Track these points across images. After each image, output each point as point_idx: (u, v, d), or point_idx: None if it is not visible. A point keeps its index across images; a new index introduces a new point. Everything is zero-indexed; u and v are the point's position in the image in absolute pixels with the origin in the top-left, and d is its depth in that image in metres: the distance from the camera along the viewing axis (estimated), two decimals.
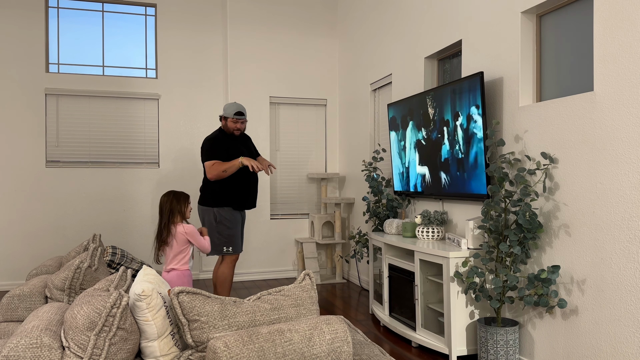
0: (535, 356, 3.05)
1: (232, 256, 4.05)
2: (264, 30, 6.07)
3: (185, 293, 1.71)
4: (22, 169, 5.50)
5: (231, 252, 4.02)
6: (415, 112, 4.16)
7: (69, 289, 2.58)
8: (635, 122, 2.42)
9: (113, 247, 5.18)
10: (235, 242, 4.05)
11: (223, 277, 4.03)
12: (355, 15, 5.77)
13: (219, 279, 4.04)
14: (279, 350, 1.57)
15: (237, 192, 4.05)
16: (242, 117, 4.08)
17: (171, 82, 5.98)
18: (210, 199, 4.03)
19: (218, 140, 4.04)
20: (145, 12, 5.98)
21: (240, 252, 4.10)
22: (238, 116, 4.06)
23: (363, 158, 5.58)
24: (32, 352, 1.54)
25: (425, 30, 4.27)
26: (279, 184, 6.21)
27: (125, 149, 5.85)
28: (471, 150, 3.46)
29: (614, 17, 2.53)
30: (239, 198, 4.07)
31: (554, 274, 2.79)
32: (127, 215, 5.84)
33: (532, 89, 3.18)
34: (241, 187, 4.06)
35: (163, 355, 1.76)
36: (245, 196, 4.10)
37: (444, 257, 3.29)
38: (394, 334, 3.93)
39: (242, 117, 4.08)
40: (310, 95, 6.27)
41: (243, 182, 4.07)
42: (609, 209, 2.56)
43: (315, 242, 5.91)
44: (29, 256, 5.53)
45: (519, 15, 3.15)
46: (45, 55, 5.60)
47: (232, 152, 4.03)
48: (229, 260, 4.05)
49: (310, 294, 1.89)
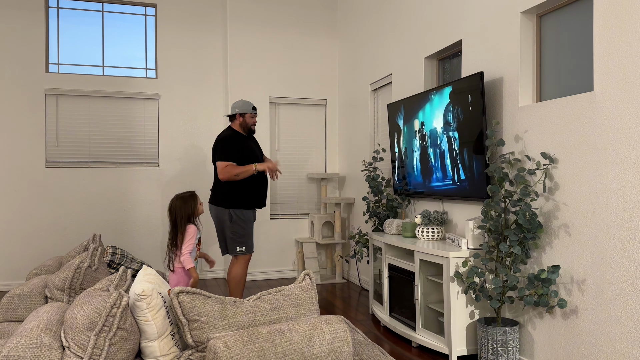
0: (535, 356, 3.05)
1: (245, 256, 4.08)
2: (264, 30, 6.07)
3: (185, 293, 1.71)
4: (22, 169, 5.50)
5: (244, 252, 4.05)
6: (415, 112, 4.16)
7: (69, 289, 2.58)
8: (635, 122, 2.42)
9: (113, 247, 5.18)
10: (248, 242, 4.08)
11: (237, 277, 4.06)
12: (355, 15, 5.77)
13: (233, 279, 4.06)
14: (279, 350, 1.57)
15: (250, 192, 4.08)
16: (256, 111, 4.20)
17: (171, 82, 5.98)
18: (224, 199, 4.05)
19: (232, 140, 4.05)
20: (145, 12, 5.98)
21: (252, 252, 4.13)
22: (255, 111, 4.17)
23: (363, 158, 5.58)
24: (32, 352, 1.54)
25: (425, 30, 4.27)
26: (279, 184, 6.21)
27: (125, 149, 5.85)
28: (471, 150, 3.46)
29: (614, 17, 2.53)
30: (253, 198, 4.10)
31: (554, 274, 2.79)
32: (127, 215, 5.84)
33: (532, 89, 3.18)
34: (254, 187, 4.10)
35: (163, 355, 1.76)
36: (258, 196, 4.14)
37: (444, 257, 3.29)
38: (394, 334, 3.93)
39: (256, 112, 4.21)
40: (310, 95, 6.27)
41: (255, 183, 4.10)
42: (609, 209, 2.56)
43: (315, 242, 5.90)
44: (29, 256, 5.53)
45: (519, 15, 3.15)
46: (45, 55, 5.60)
47: (246, 152, 4.06)
48: (242, 261, 4.07)
49: (310, 294, 1.89)
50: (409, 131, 4.28)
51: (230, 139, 4.05)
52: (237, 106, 4.14)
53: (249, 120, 4.15)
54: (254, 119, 4.18)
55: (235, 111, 4.15)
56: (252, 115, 4.16)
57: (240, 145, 4.05)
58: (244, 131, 4.17)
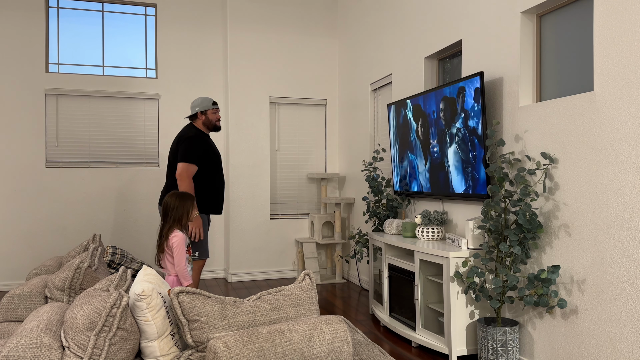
0: (535, 356, 3.05)
1: (199, 262, 3.86)
2: (264, 30, 6.07)
3: (185, 293, 1.71)
4: (22, 169, 5.50)
5: (197, 257, 3.82)
6: (415, 111, 4.16)
7: (69, 289, 2.58)
8: (635, 122, 2.42)
9: (113, 247, 5.18)
10: (203, 247, 3.85)
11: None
12: (355, 15, 5.77)
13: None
14: (279, 350, 1.57)
15: (208, 197, 3.88)
16: (217, 106, 3.98)
17: (171, 82, 5.98)
18: None
19: (199, 141, 3.80)
20: (145, 12, 5.98)
21: (207, 257, 3.87)
22: (216, 106, 3.94)
23: (363, 158, 5.58)
24: (32, 352, 1.54)
25: (425, 30, 4.27)
26: (279, 184, 6.21)
27: (125, 149, 5.85)
28: (471, 150, 3.46)
29: (614, 17, 2.53)
30: (210, 203, 3.90)
31: (554, 274, 2.79)
32: (127, 215, 5.84)
33: (532, 89, 3.18)
34: (212, 192, 3.91)
35: (163, 355, 1.76)
36: (215, 201, 3.94)
37: (444, 257, 3.29)
38: (394, 334, 3.93)
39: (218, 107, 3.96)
40: (310, 95, 6.27)
41: (214, 187, 3.92)
42: (609, 209, 2.56)
43: (315, 242, 5.90)
44: (29, 256, 5.53)
45: (519, 15, 3.15)
46: (45, 55, 5.60)
47: (210, 154, 3.87)
48: (196, 266, 3.85)
49: (310, 294, 1.89)
50: (409, 131, 4.28)
51: (197, 139, 3.80)
52: (196, 104, 3.89)
53: (212, 117, 3.91)
54: (217, 115, 3.94)
55: (195, 110, 3.90)
56: (214, 110, 3.91)
57: (205, 147, 3.83)
58: (208, 129, 3.96)
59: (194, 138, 3.78)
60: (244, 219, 5.96)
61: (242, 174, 5.96)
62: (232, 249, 5.90)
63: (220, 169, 3.97)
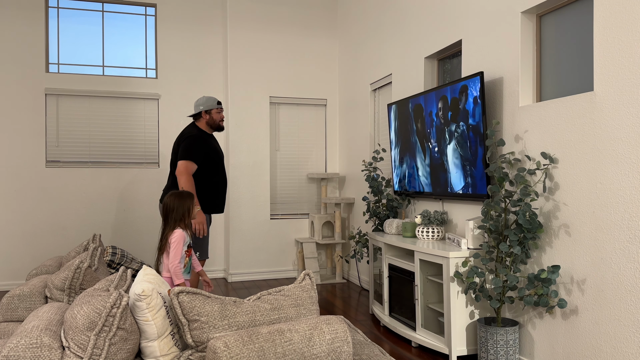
0: (535, 356, 3.05)
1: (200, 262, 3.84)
2: (264, 30, 6.07)
3: (185, 293, 1.71)
4: (22, 169, 5.50)
5: (198, 257, 3.81)
6: (415, 111, 4.16)
7: (69, 289, 2.58)
8: (635, 122, 2.42)
9: (113, 247, 5.18)
10: (203, 247, 3.83)
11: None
12: (355, 15, 5.77)
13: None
14: (279, 350, 1.57)
15: (209, 196, 3.87)
16: (222, 106, 3.97)
17: (171, 82, 5.98)
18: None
19: (201, 140, 3.80)
20: (145, 12, 5.98)
21: (207, 257, 3.85)
22: (220, 105, 3.93)
23: (363, 158, 5.58)
24: (32, 352, 1.54)
25: (425, 30, 4.27)
26: (279, 184, 6.21)
27: (125, 149, 5.85)
28: (471, 150, 3.46)
29: (614, 17, 2.53)
30: (211, 202, 3.89)
31: (554, 274, 2.79)
32: (127, 215, 5.84)
33: (532, 89, 3.18)
34: (214, 191, 3.90)
35: (163, 355, 1.76)
36: (217, 201, 3.93)
37: (444, 257, 3.29)
38: (394, 334, 3.93)
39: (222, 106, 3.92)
40: (310, 95, 6.27)
41: (216, 187, 3.90)
42: (609, 209, 2.56)
43: (315, 242, 5.90)
44: (29, 256, 5.53)
45: (519, 15, 3.15)
46: (45, 55, 5.60)
47: (212, 155, 3.86)
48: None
49: (310, 294, 1.89)
50: (409, 131, 4.28)
51: (199, 138, 3.80)
52: (201, 103, 3.88)
53: (216, 116, 3.90)
54: (221, 114, 3.92)
55: (200, 109, 3.88)
56: (218, 110, 3.90)
57: (206, 146, 3.82)
58: (211, 129, 3.95)
59: (194, 137, 3.79)
60: (244, 219, 5.96)
61: (242, 174, 5.96)
62: (232, 249, 5.90)
63: (222, 168, 3.96)
